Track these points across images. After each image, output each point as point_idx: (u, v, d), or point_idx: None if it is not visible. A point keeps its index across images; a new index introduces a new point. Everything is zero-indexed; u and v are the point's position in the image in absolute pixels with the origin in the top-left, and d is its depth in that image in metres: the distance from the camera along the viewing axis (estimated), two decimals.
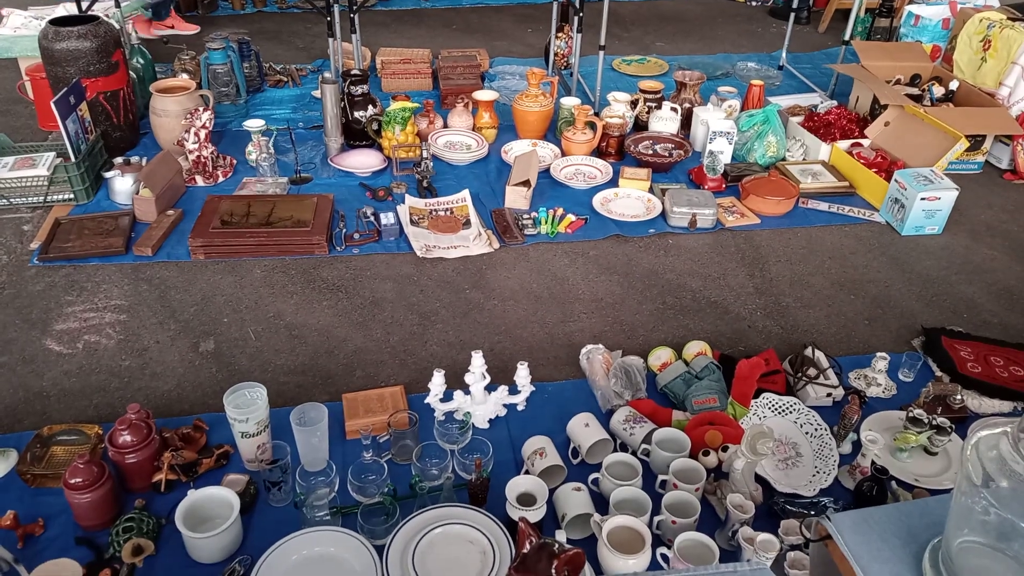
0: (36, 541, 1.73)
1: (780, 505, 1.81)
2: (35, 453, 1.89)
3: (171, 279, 2.52)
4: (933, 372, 2.26)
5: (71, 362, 2.20)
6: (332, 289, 2.51)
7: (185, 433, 1.95)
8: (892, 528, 1.03)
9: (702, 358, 2.17)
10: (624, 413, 2.02)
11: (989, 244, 2.89)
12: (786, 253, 2.78)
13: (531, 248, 2.75)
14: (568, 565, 0.81)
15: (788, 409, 2.05)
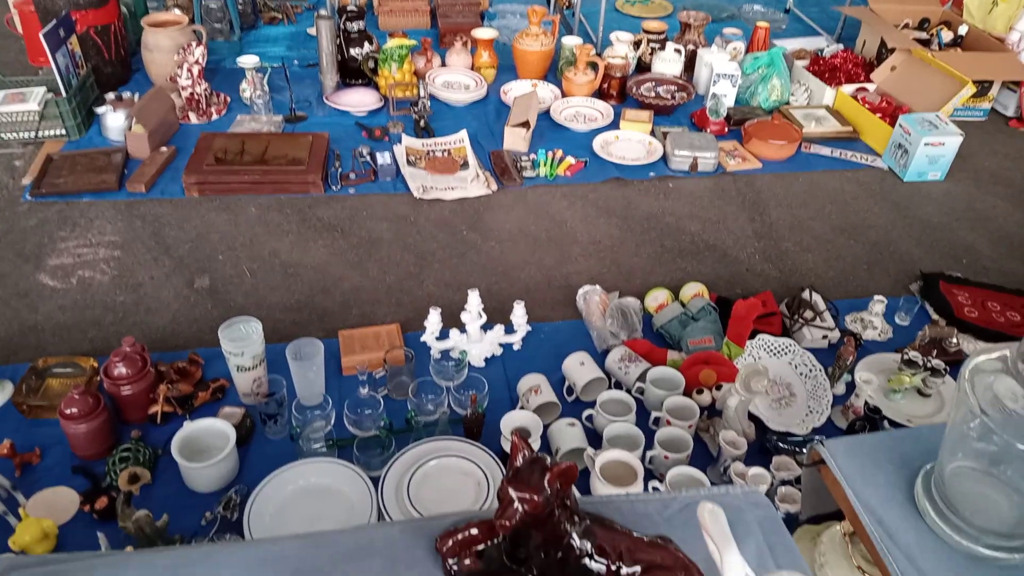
0: (33, 470, 1.74)
1: (772, 442, 1.83)
2: (30, 385, 1.90)
3: (165, 216, 2.50)
4: (930, 316, 2.26)
5: (65, 297, 2.19)
6: (328, 228, 2.48)
7: (181, 367, 1.95)
8: (885, 454, 1.04)
9: (699, 300, 2.17)
10: (619, 352, 2.02)
11: (992, 191, 2.86)
12: (787, 198, 2.75)
13: (529, 190, 2.72)
14: (561, 477, 0.81)
15: (783, 350, 2.05)
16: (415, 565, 0.94)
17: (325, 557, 0.94)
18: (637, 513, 0.98)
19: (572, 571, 0.88)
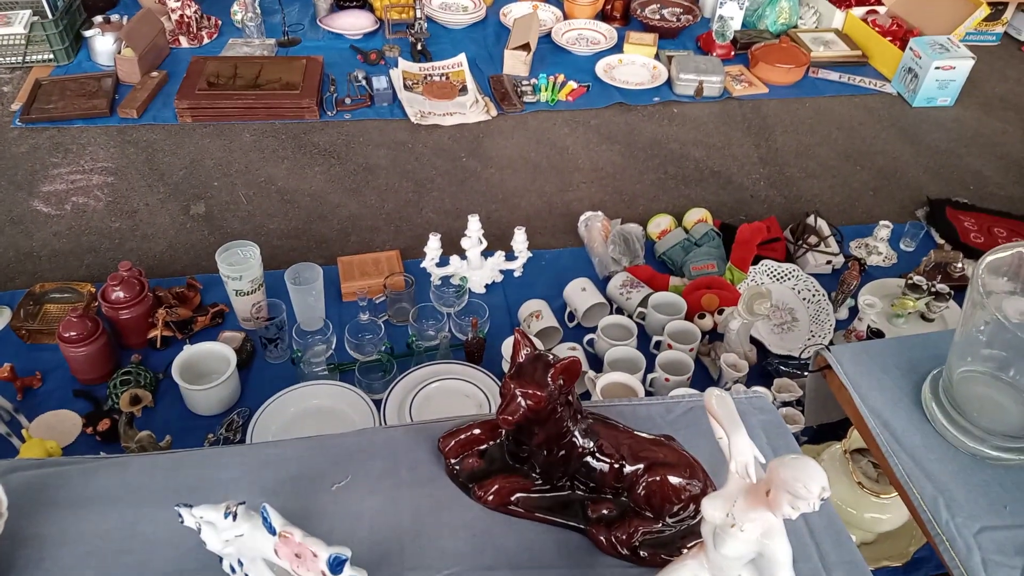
0: (35, 394, 1.74)
1: (774, 366, 1.82)
2: (28, 310, 1.88)
3: (158, 142, 2.45)
4: (935, 242, 2.23)
5: (60, 223, 2.16)
6: (324, 154, 2.44)
7: (179, 292, 1.93)
8: (892, 359, 1.02)
9: (702, 225, 2.14)
10: (621, 278, 2.00)
11: (1001, 117, 2.80)
12: (793, 123, 2.69)
13: (530, 116, 2.66)
14: (564, 373, 0.79)
15: (786, 276, 2.03)
16: (417, 465, 0.94)
17: (326, 459, 0.94)
18: (640, 417, 0.97)
19: (574, 469, 0.88)
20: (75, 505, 0.88)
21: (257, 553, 0.74)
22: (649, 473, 0.85)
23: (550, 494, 0.90)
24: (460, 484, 0.92)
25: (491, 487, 0.89)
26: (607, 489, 0.88)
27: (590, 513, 0.88)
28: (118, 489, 0.90)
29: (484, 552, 0.87)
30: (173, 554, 0.85)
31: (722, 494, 0.67)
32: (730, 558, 0.67)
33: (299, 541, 0.69)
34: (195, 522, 0.74)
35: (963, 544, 0.86)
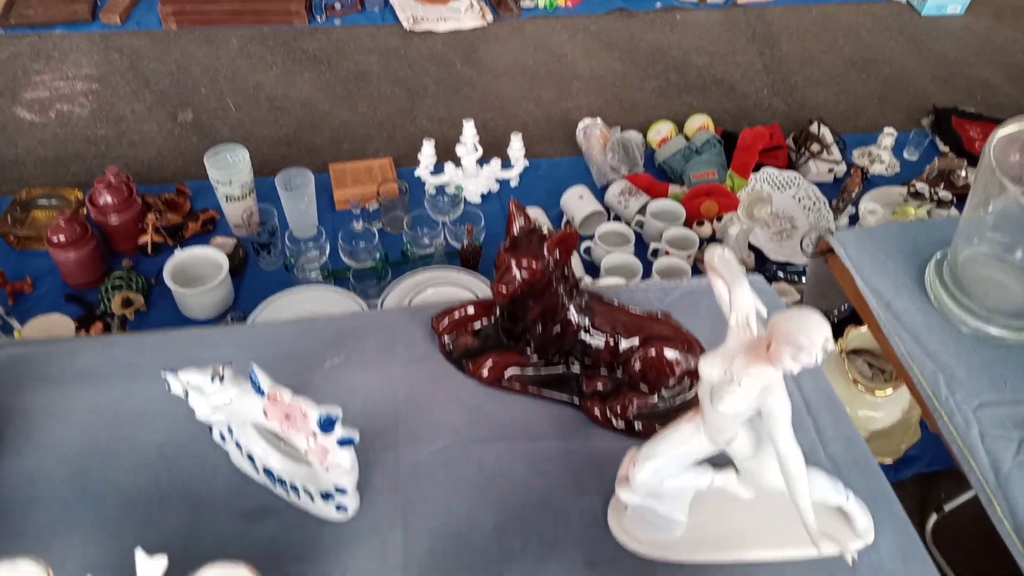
0: (26, 299, 1.72)
1: (772, 271, 1.80)
2: (16, 216, 1.85)
3: (142, 48, 2.36)
4: (939, 152, 2.19)
5: (44, 131, 2.10)
6: (314, 61, 2.36)
7: (168, 199, 1.89)
8: (896, 244, 1.00)
9: (703, 132, 2.09)
10: (620, 186, 1.96)
11: (1013, 26, 2.71)
12: (799, 31, 2.61)
13: (527, 22, 2.57)
14: (560, 245, 0.77)
15: (788, 184, 2.00)
16: (411, 344, 0.92)
17: (320, 339, 0.92)
18: (636, 300, 0.95)
19: (569, 346, 0.87)
20: (62, 381, 0.87)
21: (246, 418, 0.73)
22: (644, 347, 0.83)
23: (544, 370, 0.89)
24: (454, 361, 0.91)
25: (485, 363, 0.88)
26: (602, 365, 0.87)
27: (584, 388, 0.87)
28: (105, 366, 0.88)
29: (478, 425, 0.86)
30: (163, 426, 0.84)
31: (720, 352, 0.65)
32: (727, 416, 0.65)
33: (288, 402, 0.67)
34: (182, 388, 0.73)
35: (962, 419, 0.85)
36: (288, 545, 0.77)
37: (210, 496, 0.79)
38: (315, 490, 0.76)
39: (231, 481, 0.81)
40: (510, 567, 0.76)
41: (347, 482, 0.74)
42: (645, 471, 0.73)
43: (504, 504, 0.81)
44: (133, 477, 0.80)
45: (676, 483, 0.74)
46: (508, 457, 0.84)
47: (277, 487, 0.79)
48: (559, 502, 0.81)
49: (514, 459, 0.84)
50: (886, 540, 0.80)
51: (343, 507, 0.77)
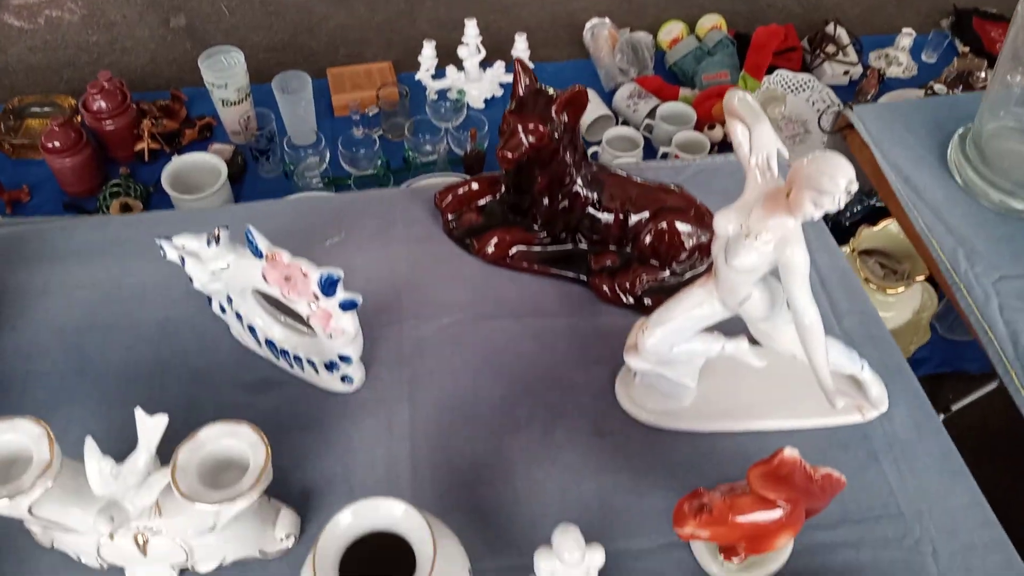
0: (24, 208, 1.69)
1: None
2: (9, 124, 1.80)
3: None
4: (958, 53, 2.10)
5: (34, 37, 2.03)
6: None
7: (164, 105, 1.84)
8: (918, 119, 0.96)
9: (716, 33, 2.01)
10: (628, 89, 1.90)
11: None
12: None
13: None
14: (569, 106, 0.73)
15: (802, 86, 1.93)
16: (413, 224, 0.90)
17: (318, 217, 0.90)
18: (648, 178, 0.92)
19: (577, 221, 0.84)
20: (56, 259, 0.85)
21: (245, 284, 0.71)
22: (655, 220, 0.81)
23: (552, 247, 0.86)
24: (458, 240, 0.88)
25: (490, 240, 0.85)
26: (611, 241, 0.84)
27: (593, 265, 0.85)
28: (100, 244, 0.86)
29: (484, 302, 0.85)
30: (161, 302, 0.82)
31: (736, 206, 0.63)
32: (742, 273, 0.63)
33: (287, 262, 0.65)
34: (178, 255, 0.71)
35: (981, 292, 0.83)
36: (293, 416, 0.76)
37: (211, 369, 0.78)
38: (319, 361, 0.75)
39: (232, 355, 0.79)
40: (517, 436, 0.76)
41: (351, 351, 0.72)
42: (655, 336, 0.71)
43: (510, 377, 0.80)
44: (132, 352, 0.79)
45: (686, 349, 0.72)
46: (514, 333, 0.83)
47: (280, 359, 0.78)
48: (566, 375, 0.80)
49: (520, 335, 0.82)
50: (900, 412, 0.78)
51: (348, 378, 0.76)
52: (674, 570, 0.68)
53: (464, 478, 0.73)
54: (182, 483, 0.59)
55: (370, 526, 0.54)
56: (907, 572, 0.69)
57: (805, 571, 0.68)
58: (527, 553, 0.65)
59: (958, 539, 0.71)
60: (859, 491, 0.73)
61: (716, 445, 0.76)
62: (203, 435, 0.61)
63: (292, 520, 0.68)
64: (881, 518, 0.72)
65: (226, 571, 0.66)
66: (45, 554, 0.67)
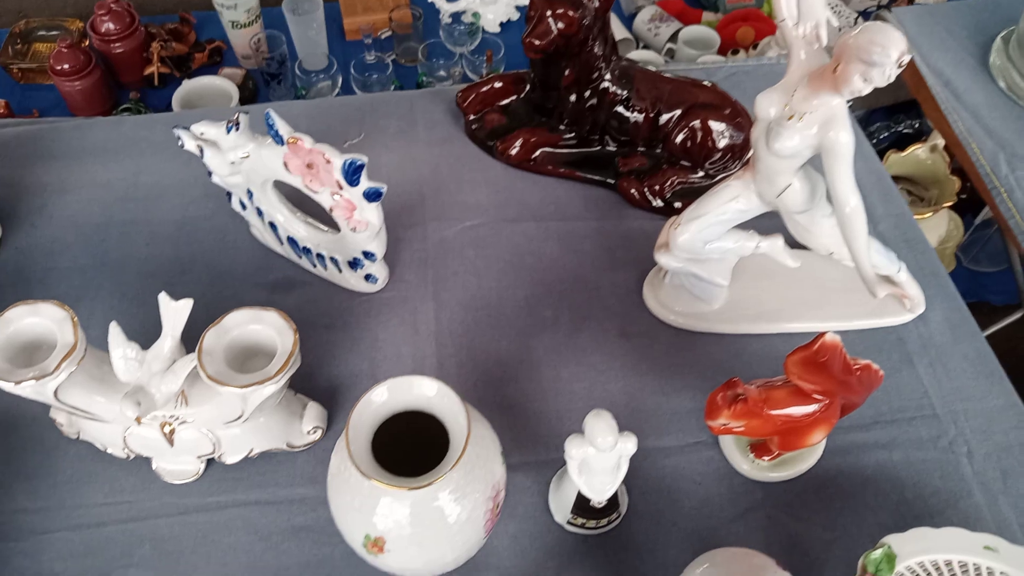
0: None
1: None
2: (16, 48, 1.76)
3: None
4: None
5: None
6: None
7: (172, 28, 1.80)
8: (959, 21, 0.92)
9: None
10: (650, 12, 1.84)
11: None
12: None
13: None
14: None
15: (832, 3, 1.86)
16: (434, 125, 0.87)
17: (336, 118, 0.87)
18: None
19: (604, 120, 0.81)
20: (72, 157, 0.83)
21: (266, 175, 0.69)
22: (688, 117, 0.78)
23: (578, 149, 0.84)
24: (480, 143, 0.86)
25: (514, 141, 0.83)
26: (640, 142, 0.82)
27: (621, 167, 0.82)
28: (116, 143, 0.84)
29: (507, 206, 0.83)
30: (179, 201, 0.80)
31: (779, 86, 0.60)
32: (783, 158, 0.60)
33: (309, 148, 0.63)
34: (196, 144, 0.69)
35: (1022, 195, 0.80)
36: (317, 315, 0.75)
37: (233, 268, 0.77)
38: (342, 259, 0.73)
39: (253, 254, 0.78)
40: (541, 337, 0.74)
41: (375, 246, 0.71)
42: (688, 232, 0.69)
43: (535, 279, 0.78)
44: (152, 249, 0.77)
45: (719, 246, 0.70)
46: (539, 236, 0.81)
47: (303, 259, 0.76)
48: (592, 277, 0.78)
49: (545, 238, 0.81)
50: (936, 315, 0.76)
51: (372, 277, 0.75)
52: (703, 467, 0.68)
53: (490, 376, 0.72)
54: (209, 367, 0.58)
55: (404, 404, 0.53)
56: (941, 472, 0.68)
57: (836, 470, 0.68)
58: (554, 448, 0.64)
59: (993, 440, 0.69)
60: (893, 393, 0.72)
61: (746, 347, 0.75)
62: (229, 320, 0.60)
63: (319, 414, 0.68)
64: (915, 419, 0.70)
65: (253, 463, 0.66)
66: (72, 445, 0.67)
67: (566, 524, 0.64)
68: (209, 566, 0.62)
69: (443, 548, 0.53)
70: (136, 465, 0.66)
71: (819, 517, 0.65)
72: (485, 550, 0.62)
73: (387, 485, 0.49)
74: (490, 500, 0.55)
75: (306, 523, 0.64)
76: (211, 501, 0.65)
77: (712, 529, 0.64)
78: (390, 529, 0.52)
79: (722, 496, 0.66)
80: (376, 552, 0.53)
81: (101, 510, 0.64)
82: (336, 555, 0.62)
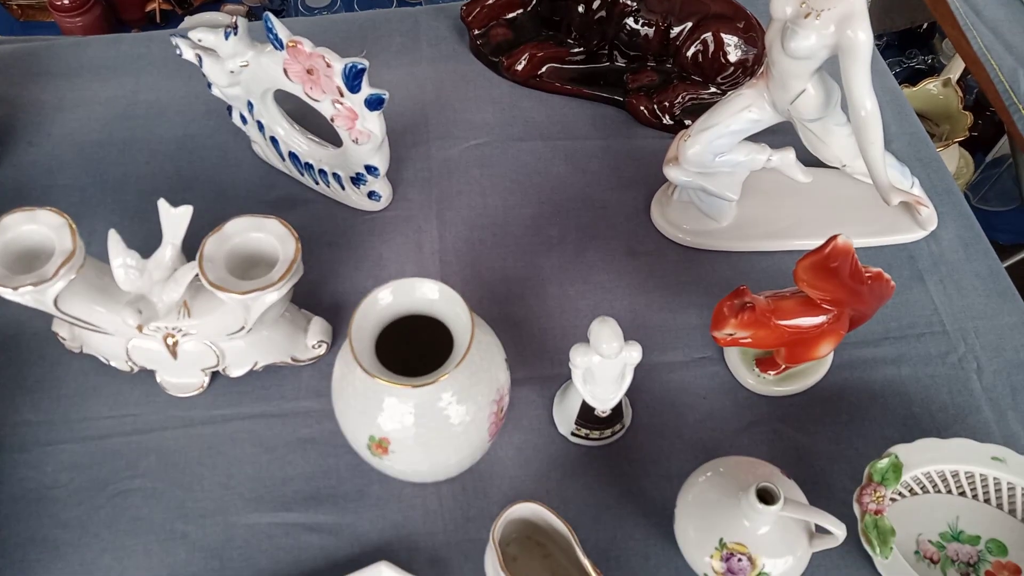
0: None
1: None
2: None
3: None
4: None
5: None
6: None
7: None
8: None
9: None
10: None
11: None
12: None
13: None
14: None
15: None
16: (438, 43, 0.85)
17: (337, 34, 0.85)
18: None
19: (613, 34, 0.79)
20: (69, 75, 0.82)
21: (267, 84, 0.67)
22: (699, 29, 0.75)
23: (586, 65, 0.81)
24: (485, 60, 0.84)
25: (520, 56, 0.81)
26: (650, 57, 0.80)
27: (630, 83, 0.80)
28: (114, 60, 0.83)
29: (513, 124, 0.81)
30: (180, 119, 0.79)
31: None
32: (799, 59, 0.58)
33: (310, 51, 0.61)
34: (195, 53, 0.67)
35: None
36: (320, 233, 0.74)
37: (235, 186, 0.76)
38: (344, 174, 0.72)
39: (256, 172, 0.77)
40: (548, 255, 0.73)
41: (378, 160, 0.69)
42: (698, 144, 0.67)
43: (542, 198, 0.77)
44: (153, 167, 0.76)
45: (729, 159, 0.68)
46: (546, 154, 0.79)
47: (305, 175, 0.75)
48: (599, 196, 0.77)
49: (551, 156, 0.79)
50: (948, 232, 0.75)
51: (376, 194, 0.74)
52: (708, 381, 0.67)
53: (495, 293, 0.71)
54: (210, 273, 0.57)
55: (408, 307, 0.53)
56: (949, 388, 0.67)
57: (843, 385, 0.67)
58: (559, 363, 0.64)
59: (1004, 357, 0.69)
60: (903, 309, 0.71)
61: (755, 265, 0.74)
62: (230, 227, 0.59)
63: (323, 328, 0.67)
64: (924, 335, 0.70)
65: (257, 376, 0.66)
66: (75, 360, 0.67)
67: (570, 436, 0.64)
68: (215, 477, 0.62)
69: (447, 450, 0.53)
70: (140, 379, 0.66)
71: (825, 431, 0.65)
72: (490, 460, 0.62)
73: (391, 383, 0.48)
74: (494, 404, 0.54)
75: (311, 435, 0.64)
76: (216, 414, 0.65)
77: (716, 442, 0.64)
78: (395, 430, 0.52)
79: (727, 410, 0.66)
80: (381, 454, 0.53)
81: (105, 423, 0.64)
82: (341, 466, 0.62)
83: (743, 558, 0.51)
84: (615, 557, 0.59)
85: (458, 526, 0.60)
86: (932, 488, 0.60)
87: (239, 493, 0.61)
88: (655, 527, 0.60)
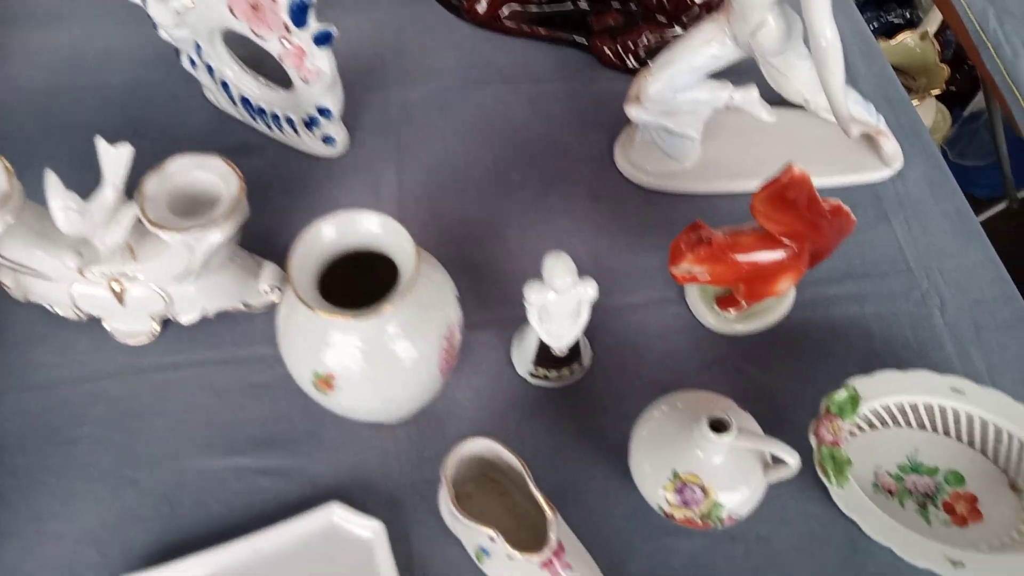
0: None
1: None
2: None
3: None
4: None
5: None
6: None
7: None
8: None
9: None
10: None
11: None
12: None
13: None
14: None
15: None
16: None
17: None
18: None
19: None
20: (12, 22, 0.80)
21: (213, 24, 0.65)
22: None
23: (548, 6, 0.80)
24: (445, 2, 0.82)
25: None
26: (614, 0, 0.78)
27: (594, 25, 0.79)
28: (59, 8, 0.80)
29: (474, 68, 0.79)
30: (129, 66, 0.77)
31: None
32: None
33: None
34: None
35: (1010, 50, 0.77)
36: (275, 179, 0.72)
37: (187, 133, 0.74)
38: (297, 118, 0.70)
39: (208, 119, 0.75)
40: (509, 199, 0.72)
41: (330, 101, 0.67)
42: (659, 81, 0.66)
43: (503, 142, 0.75)
44: (102, 115, 0.74)
45: (692, 97, 0.67)
46: (506, 99, 0.78)
47: (258, 121, 0.73)
48: (562, 140, 0.76)
49: (513, 101, 0.78)
50: (914, 171, 0.74)
51: (331, 139, 0.72)
52: (669, 322, 0.66)
53: (454, 236, 0.70)
54: (151, 212, 0.55)
55: (352, 243, 0.51)
56: (912, 324, 0.66)
57: (805, 323, 0.66)
58: (518, 306, 0.63)
59: (968, 294, 0.68)
60: (867, 248, 0.70)
61: (718, 207, 0.72)
62: (171, 166, 0.57)
63: (275, 273, 0.66)
64: (888, 274, 0.69)
65: (210, 324, 0.64)
66: (21, 308, 0.65)
67: (529, 377, 0.63)
68: (165, 424, 0.61)
69: (396, 386, 0.52)
70: (89, 327, 0.64)
71: (786, 368, 0.64)
72: (447, 401, 0.61)
73: (332, 315, 0.47)
74: (444, 339, 0.53)
75: (264, 381, 0.63)
76: (167, 361, 0.64)
77: (677, 380, 0.63)
78: (339, 365, 0.51)
79: (688, 349, 0.65)
80: (326, 390, 0.52)
81: (53, 371, 0.63)
82: (294, 410, 0.61)
83: (697, 489, 0.51)
84: (574, 496, 0.58)
85: (414, 467, 0.59)
86: (892, 422, 0.60)
87: (190, 439, 0.60)
88: (613, 466, 0.59)
